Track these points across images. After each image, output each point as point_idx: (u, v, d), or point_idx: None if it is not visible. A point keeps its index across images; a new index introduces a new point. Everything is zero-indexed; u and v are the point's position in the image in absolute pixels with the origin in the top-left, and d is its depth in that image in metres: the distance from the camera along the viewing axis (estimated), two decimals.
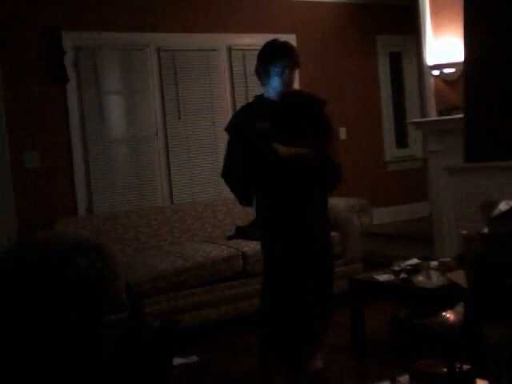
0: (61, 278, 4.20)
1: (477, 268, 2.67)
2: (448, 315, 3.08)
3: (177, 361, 3.81)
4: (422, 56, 5.73)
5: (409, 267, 3.88)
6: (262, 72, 3.53)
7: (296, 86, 6.55)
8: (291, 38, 6.53)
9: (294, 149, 3.47)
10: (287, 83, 3.55)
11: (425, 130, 5.73)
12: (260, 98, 3.64)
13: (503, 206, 2.68)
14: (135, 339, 3.50)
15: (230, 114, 6.05)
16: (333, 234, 5.10)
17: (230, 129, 3.64)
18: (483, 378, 2.23)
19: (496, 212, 2.68)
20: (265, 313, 3.61)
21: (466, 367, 2.26)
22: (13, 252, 4.73)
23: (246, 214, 5.33)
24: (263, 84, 3.59)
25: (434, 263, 3.91)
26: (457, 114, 5.03)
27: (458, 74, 5.35)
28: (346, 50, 6.99)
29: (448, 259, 3.99)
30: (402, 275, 3.81)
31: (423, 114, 6.48)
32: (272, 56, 3.50)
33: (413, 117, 7.16)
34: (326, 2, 6.79)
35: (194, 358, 4.05)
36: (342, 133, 6.95)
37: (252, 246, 4.70)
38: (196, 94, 5.87)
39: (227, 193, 5.94)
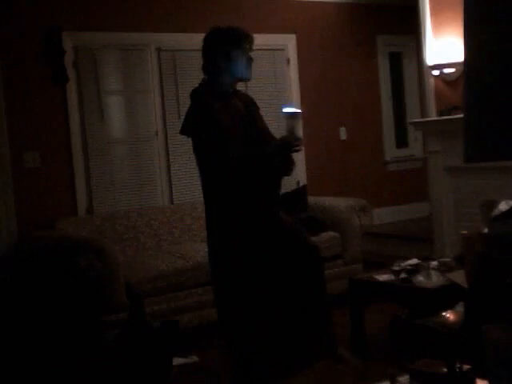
0: (61, 278, 4.20)
1: (477, 268, 2.67)
2: (448, 315, 3.08)
3: (177, 361, 3.81)
4: (422, 56, 5.73)
5: (409, 267, 3.88)
6: (222, 57, 3.19)
7: (296, 86, 6.58)
8: (291, 38, 6.54)
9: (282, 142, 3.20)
10: (249, 71, 3.28)
11: (425, 129, 5.73)
12: (213, 88, 3.26)
13: (503, 206, 2.68)
14: (135, 339, 3.50)
15: None
16: (333, 234, 5.14)
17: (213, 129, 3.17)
18: (483, 377, 2.23)
19: (496, 212, 2.68)
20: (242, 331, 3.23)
21: (466, 367, 2.26)
22: (13, 252, 4.73)
23: None
24: (219, 72, 3.22)
25: (434, 263, 3.91)
26: (457, 114, 5.03)
27: (458, 74, 5.35)
28: (346, 50, 6.98)
29: (448, 259, 3.99)
30: (402, 275, 3.81)
31: (423, 114, 6.48)
32: (240, 38, 3.21)
33: (413, 117, 7.16)
34: (326, 2, 6.79)
35: (194, 358, 4.05)
36: (342, 133, 6.95)
37: None
38: None
39: None
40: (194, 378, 3.80)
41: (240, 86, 3.50)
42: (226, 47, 3.21)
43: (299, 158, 6.56)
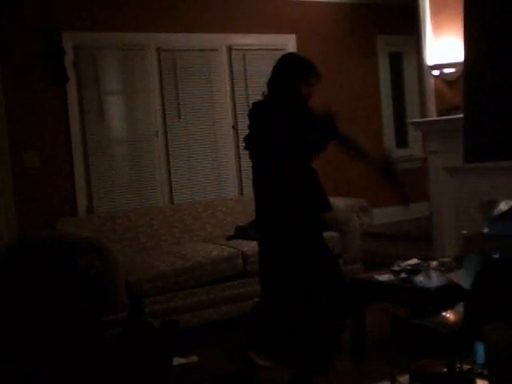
0: (61, 278, 4.21)
1: (477, 268, 2.67)
2: (448, 315, 3.08)
3: (177, 361, 3.81)
4: (422, 56, 5.73)
5: (409, 267, 3.88)
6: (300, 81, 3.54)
7: None
8: (291, 38, 6.54)
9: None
10: None
11: (425, 130, 5.73)
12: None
13: (503, 206, 2.68)
14: (135, 339, 3.50)
15: (230, 114, 6.06)
16: (333, 234, 5.14)
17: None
18: (483, 378, 2.23)
19: (496, 212, 2.68)
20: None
21: (465, 367, 2.26)
22: (13, 252, 4.73)
23: (246, 214, 5.33)
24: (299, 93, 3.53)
25: (434, 263, 3.91)
26: (457, 113, 5.02)
27: (458, 74, 5.35)
28: (346, 50, 6.98)
29: (448, 259, 3.99)
30: (402, 275, 3.81)
31: (423, 114, 6.47)
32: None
33: (413, 117, 7.15)
34: (326, 2, 6.79)
35: (194, 358, 4.05)
36: None
37: (252, 246, 4.70)
38: (196, 94, 5.87)
39: (227, 193, 5.97)
40: (193, 378, 3.80)
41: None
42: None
43: None
